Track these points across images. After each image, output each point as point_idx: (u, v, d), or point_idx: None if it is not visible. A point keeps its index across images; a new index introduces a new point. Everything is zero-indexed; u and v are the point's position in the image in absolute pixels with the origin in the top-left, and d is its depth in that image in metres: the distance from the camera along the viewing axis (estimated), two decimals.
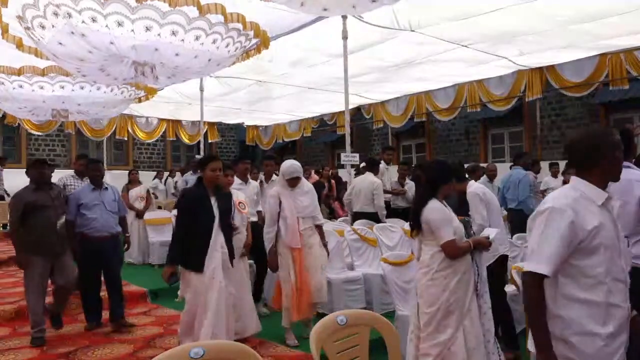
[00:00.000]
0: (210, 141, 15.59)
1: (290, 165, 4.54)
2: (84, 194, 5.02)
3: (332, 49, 7.17)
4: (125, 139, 14.63)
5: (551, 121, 12.91)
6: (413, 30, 6.94)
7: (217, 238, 3.97)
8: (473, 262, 3.26)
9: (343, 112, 6.87)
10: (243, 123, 15.96)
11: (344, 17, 6.20)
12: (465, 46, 7.82)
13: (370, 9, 5.41)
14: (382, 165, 7.83)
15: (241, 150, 19.33)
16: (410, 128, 14.39)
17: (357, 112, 13.55)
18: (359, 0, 4.88)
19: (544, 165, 9.65)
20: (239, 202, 4.75)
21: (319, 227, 4.73)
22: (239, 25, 5.24)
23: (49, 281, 4.80)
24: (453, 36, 7.33)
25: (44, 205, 4.64)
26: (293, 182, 4.51)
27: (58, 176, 5.93)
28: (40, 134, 13.24)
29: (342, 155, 6.79)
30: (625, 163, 3.05)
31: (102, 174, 5.19)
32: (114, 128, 13.37)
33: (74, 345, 4.55)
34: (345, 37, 6.32)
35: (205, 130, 12.58)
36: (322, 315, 2.80)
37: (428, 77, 9.83)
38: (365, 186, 7.09)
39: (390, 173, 8.11)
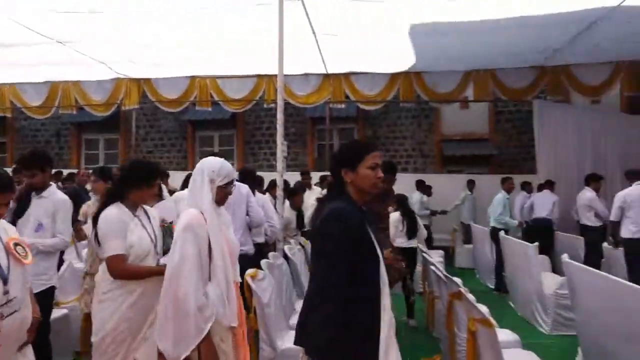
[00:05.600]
0: None
1: (224, 161, 2.62)
2: None
3: None
4: None
5: (146, 132, 13.56)
6: None
7: (385, 297, 2.05)
8: None
9: None
10: None
11: None
12: (62, 43, 7.38)
13: None
14: None
15: None
16: None
17: None
18: None
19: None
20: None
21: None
22: None
23: None
24: (52, 31, 6.82)
25: None
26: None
27: None
28: None
29: None
30: None
31: None
32: None
33: None
34: None
35: None
36: None
37: (19, 69, 8.71)
38: None
39: None
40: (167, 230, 2.94)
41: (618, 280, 3.60)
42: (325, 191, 4.80)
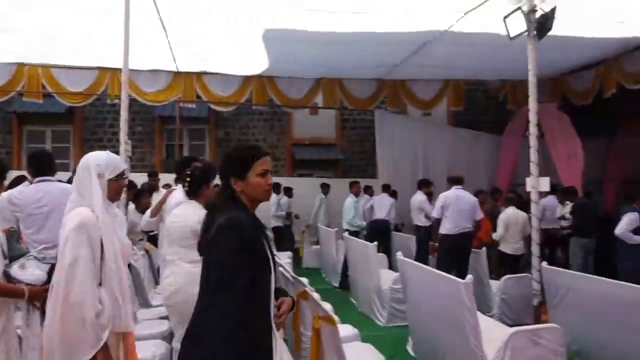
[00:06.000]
0: None
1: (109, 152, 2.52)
2: None
3: None
4: None
5: None
6: None
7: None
8: None
9: None
10: None
11: None
12: None
13: None
14: None
15: None
16: None
17: None
18: None
19: None
20: None
21: None
22: None
23: None
24: None
25: None
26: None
27: None
28: None
29: None
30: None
31: None
32: None
33: None
34: None
35: None
36: None
37: None
38: None
39: None
40: (13, 234, 2.66)
41: (437, 272, 4.07)
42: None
